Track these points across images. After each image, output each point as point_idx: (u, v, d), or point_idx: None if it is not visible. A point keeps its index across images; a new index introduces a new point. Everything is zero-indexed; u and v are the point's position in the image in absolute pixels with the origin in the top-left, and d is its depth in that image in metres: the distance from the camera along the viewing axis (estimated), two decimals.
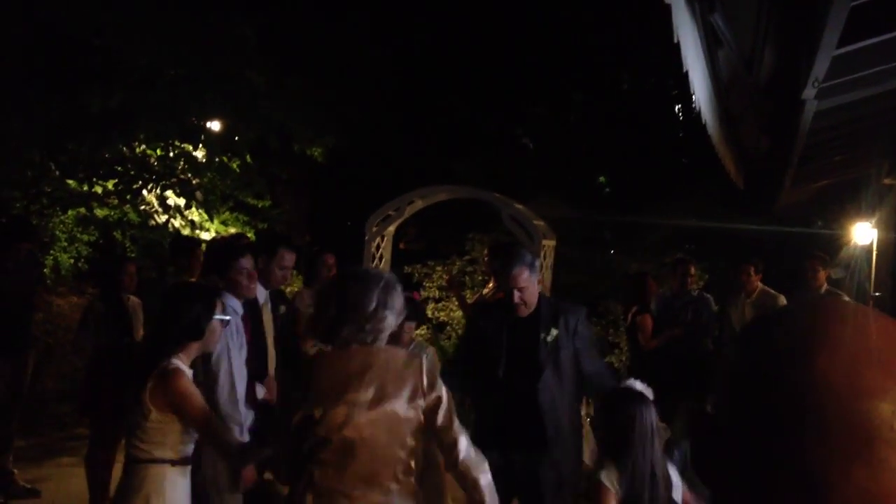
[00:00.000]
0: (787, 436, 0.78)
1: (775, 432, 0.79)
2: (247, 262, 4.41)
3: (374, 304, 2.94)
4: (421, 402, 2.88)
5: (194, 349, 3.35)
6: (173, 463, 3.19)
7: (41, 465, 7.09)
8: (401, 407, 2.85)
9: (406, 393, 2.87)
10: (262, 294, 4.79)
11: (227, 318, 3.58)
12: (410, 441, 2.89)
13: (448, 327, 11.18)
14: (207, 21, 9.12)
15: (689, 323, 7.50)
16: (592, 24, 15.21)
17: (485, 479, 3.03)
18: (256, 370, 4.55)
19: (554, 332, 4.30)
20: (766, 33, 3.52)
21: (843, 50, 3.32)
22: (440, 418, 2.91)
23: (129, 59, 8.61)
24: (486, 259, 7.06)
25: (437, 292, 11.44)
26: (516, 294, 4.23)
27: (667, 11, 3.04)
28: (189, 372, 3.28)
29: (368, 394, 2.84)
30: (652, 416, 3.42)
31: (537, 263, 4.52)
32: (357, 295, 2.95)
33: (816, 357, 0.79)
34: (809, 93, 3.61)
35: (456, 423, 2.96)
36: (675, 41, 3.20)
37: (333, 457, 2.85)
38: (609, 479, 3.36)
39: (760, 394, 0.81)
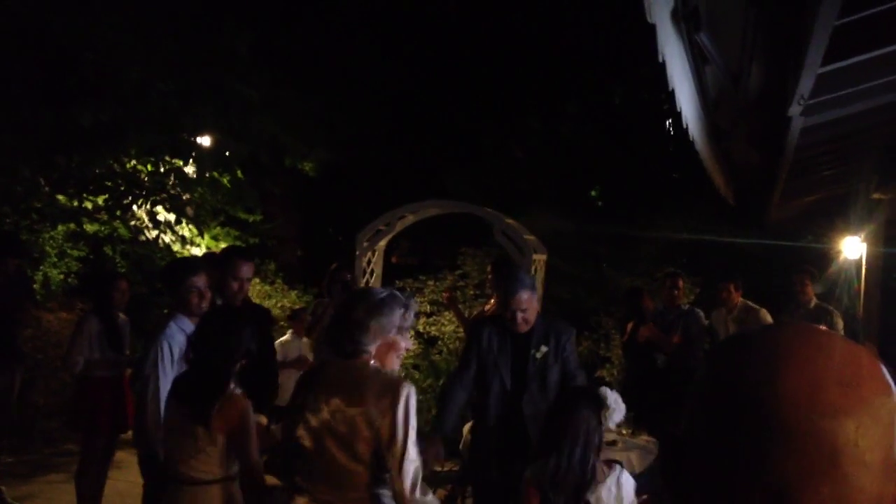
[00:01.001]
0: (757, 454, 0.80)
1: (745, 450, 0.81)
2: (198, 281, 4.38)
3: (369, 322, 3.12)
4: (381, 426, 2.96)
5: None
6: (232, 479, 3.36)
7: (29, 481, 7.05)
8: (363, 424, 2.96)
9: (372, 410, 2.96)
10: None
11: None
12: (369, 458, 2.99)
13: (439, 342, 11.15)
14: (198, 35, 9.12)
15: (678, 336, 7.52)
16: (585, 38, 15.26)
17: None
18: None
19: (544, 349, 4.62)
20: (753, 51, 3.54)
21: (828, 68, 3.33)
22: (392, 456, 2.97)
23: (120, 72, 8.61)
24: (489, 277, 7.21)
25: (428, 307, 11.42)
26: (519, 315, 4.56)
27: (654, 28, 3.05)
28: None
29: (336, 405, 3.00)
30: (592, 419, 3.46)
31: (534, 282, 4.82)
32: (357, 312, 3.13)
33: (783, 377, 0.82)
34: (795, 110, 3.63)
35: (409, 453, 2.99)
36: (661, 60, 3.21)
37: (303, 460, 3.07)
38: (534, 475, 3.45)
39: (730, 413, 0.84)
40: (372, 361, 3.15)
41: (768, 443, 0.80)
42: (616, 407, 3.60)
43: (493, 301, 7.13)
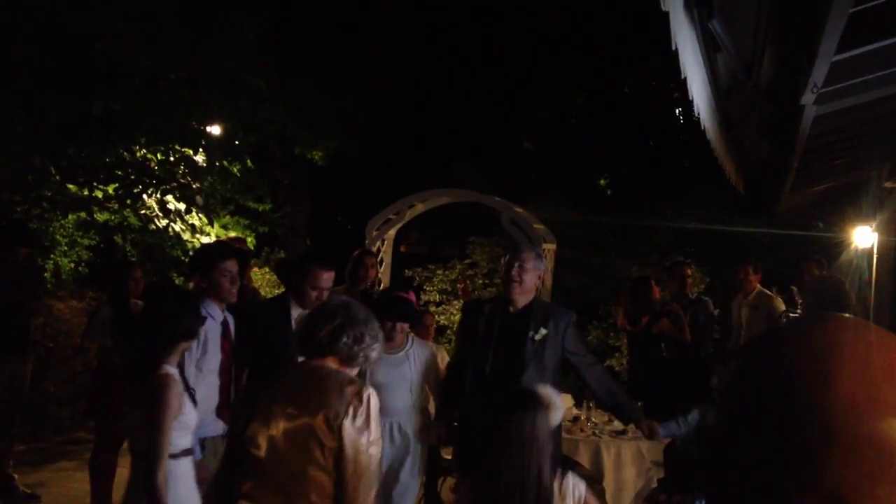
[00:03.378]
0: (814, 459, 0.79)
1: (800, 455, 0.79)
2: (231, 265, 4.39)
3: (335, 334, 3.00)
4: (338, 428, 2.81)
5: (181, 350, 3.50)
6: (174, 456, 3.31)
7: (41, 469, 7.10)
8: (319, 426, 2.81)
9: (329, 414, 2.82)
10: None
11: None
12: (326, 463, 2.83)
13: (449, 331, 11.18)
14: (208, 24, 9.11)
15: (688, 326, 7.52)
16: (593, 27, 15.19)
17: None
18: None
19: (543, 331, 4.45)
20: (766, 39, 3.51)
21: (842, 56, 3.31)
22: (344, 461, 2.82)
23: (130, 61, 8.61)
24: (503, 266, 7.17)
25: (437, 296, 11.44)
26: (516, 268, 4.44)
27: (667, 15, 3.03)
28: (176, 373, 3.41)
29: (290, 408, 2.87)
30: (537, 420, 3.01)
31: (543, 261, 4.70)
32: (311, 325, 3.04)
33: (839, 379, 0.80)
34: (808, 98, 3.60)
35: (362, 465, 2.84)
36: (674, 48, 3.20)
37: (253, 467, 2.90)
38: (469, 487, 3.10)
39: (782, 415, 0.81)
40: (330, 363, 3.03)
41: (826, 448, 0.78)
42: (559, 405, 3.20)
43: None
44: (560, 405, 3.20)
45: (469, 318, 4.75)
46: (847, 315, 0.91)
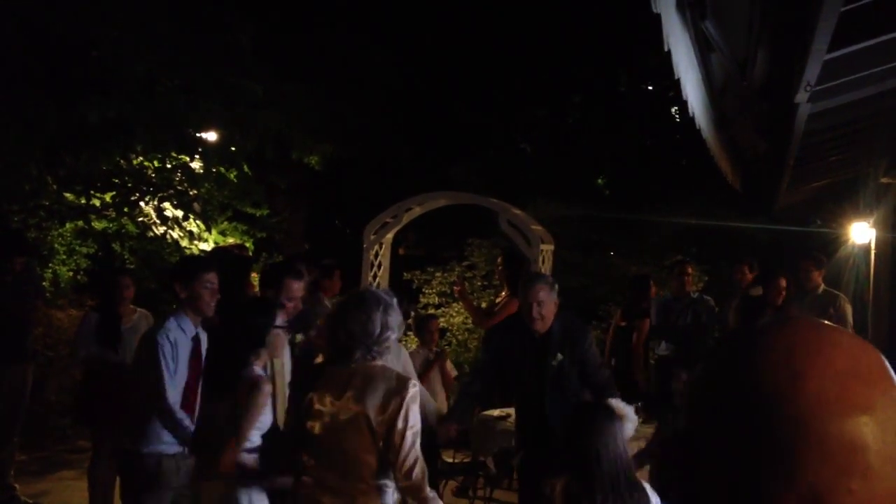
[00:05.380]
0: (790, 459, 0.80)
1: (775, 455, 0.80)
2: (213, 277, 4.39)
3: (378, 329, 3.26)
4: (385, 417, 3.15)
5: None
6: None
7: (43, 479, 7.09)
8: (370, 416, 3.15)
9: (380, 404, 3.17)
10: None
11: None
12: (374, 448, 3.18)
13: (448, 333, 11.17)
14: (202, 30, 9.12)
15: (689, 325, 7.54)
16: (589, 27, 15.19)
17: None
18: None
19: (559, 357, 4.79)
20: (759, 38, 3.52)
21: (834, 54, 3.32)
22: (394, 437, 3.15)
23: (125, 69, 8.62)
24: (499, 269, 7.24)
25: (436, 298, 11.44)
26: (535, 308, 4.72)
27: (659, 17, 3.04)
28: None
29: (349, 400, 3.20)
30: (622, 433, 3.35)
31: (556, 287, 4.92)
32: (363, 322, 3.26)
33: (808, 378, 0.81)
34: (802, 97, 3.61)
35: (408, 445, 3.17)
36: (666, 49, 3.20)
37: (314, 451, 3.29)
38: (554, 493, 3.31)
39: (754, 416, 0.82)
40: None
41: (800, 445, 0.79)
42: (630, 416, 3.51)
43: (504, 293, 7.15)
44: (632, 416, 3.53)
45: (501, 340, 5.11)
46: (811, 317, 0.92)
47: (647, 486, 3.42)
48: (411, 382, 3.26)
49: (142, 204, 9.32)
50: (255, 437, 3.69)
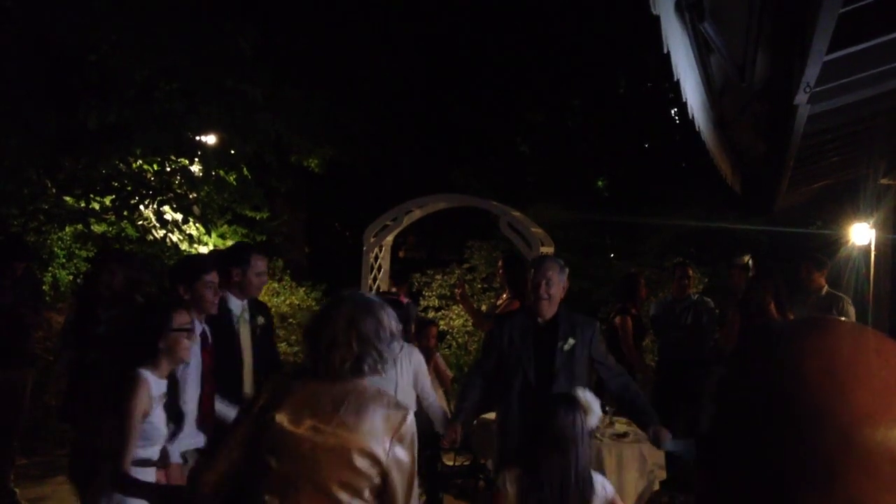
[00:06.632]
0: (834, 468, 0.77)
1: (819, 464, 0.78)
2: (214, 277, 4.47)
3: (389, 335, 2.77)
4: (381, 452, 2.61)
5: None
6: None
7: (42, 483, 7.08)
8: (363, 448, 2.60)
9: (380, 435, 2.62)
10: (237, 305, 4.83)
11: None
12: (368, 485, 2.63)
13: (448, 336, 11.17)
14: (202, 34, 9.12)
15: (689, 326, 7.53)
16: (588, 30, 15.21)
17: None
18: (229, 387, 4.61)
19: (571, 341, 4.68)
20: (757, 40, 3.52)
21: (833, 55, 3.31)
22: (394, 479, 2.64)
23: (125, 73, 8.62)
24: (500, 272, 7.20)
25: (436, 301, 11.43)
26: (543, 286, 4.63)
27: (658, 19, 3.03)
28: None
29: (338, 425, 2.62)
30: (578, 422, 3.36)
31: (566, 270, 4.86)
32: (375, 327, 2.74)
33: (852, 386, 0.79)
34: (801, 98, 3.60)
35: (413, 490, 2.69)
36: (665, 51, 3.20)
37: (276, 486, 2.64)
38: (506, 484, 3.38)
39: (793, 427, 0.80)
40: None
41: (844, 457, 0.77)
42: (595, 410, 3.49)
43: (504, 296, 7.14)
44: (597, 409, 3.49)
45: (502, 330, 4.88)
46: (849, 323, 0.89)
47: (598, 477, 3.49)
48: (410, 412, 2.73)
49: (141, 207, 9.32)
50: (147, 450, 3.36)
